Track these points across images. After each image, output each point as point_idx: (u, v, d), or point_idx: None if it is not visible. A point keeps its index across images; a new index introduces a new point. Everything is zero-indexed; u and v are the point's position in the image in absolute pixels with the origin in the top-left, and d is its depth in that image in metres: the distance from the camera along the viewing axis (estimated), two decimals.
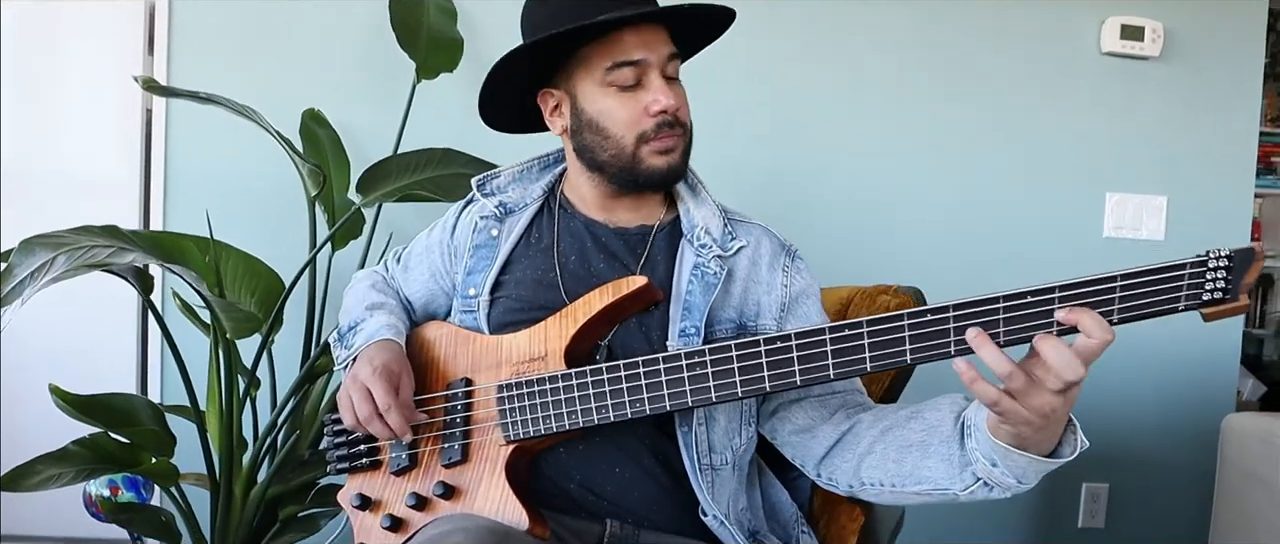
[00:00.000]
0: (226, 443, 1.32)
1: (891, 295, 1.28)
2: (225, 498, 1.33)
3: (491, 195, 1.06)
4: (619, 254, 1.01)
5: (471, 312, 1.02)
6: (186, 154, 1.79)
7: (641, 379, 0.85)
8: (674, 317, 0.95)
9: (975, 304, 0.72)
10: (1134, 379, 1.93)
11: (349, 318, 1.06)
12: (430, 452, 0.95)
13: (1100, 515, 1.94)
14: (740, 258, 1.00)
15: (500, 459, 0.90)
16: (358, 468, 0.99)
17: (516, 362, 0.94)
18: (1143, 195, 1.90)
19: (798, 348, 0.79)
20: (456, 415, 0.95)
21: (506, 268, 1.02)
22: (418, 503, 0.91)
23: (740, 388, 0.81)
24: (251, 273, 1.43)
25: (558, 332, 0.93)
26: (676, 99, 0.94)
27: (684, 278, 0.97)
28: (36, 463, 1.13)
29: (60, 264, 0.96)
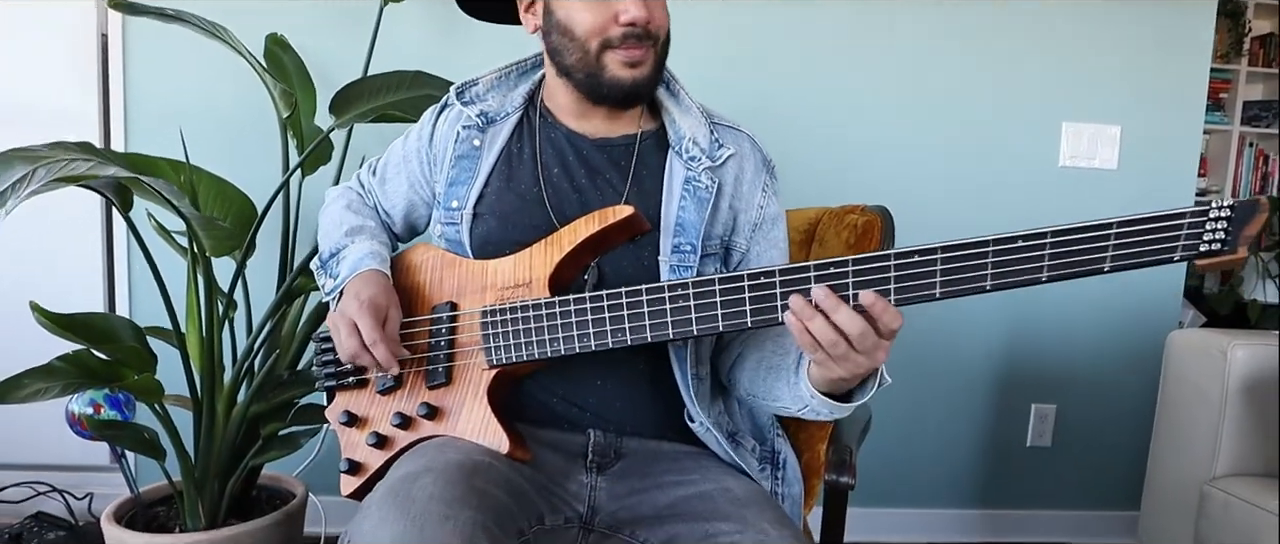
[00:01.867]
0: (207, 362, 1.38)
1: (859, 214, 1.37)
2: (207, 416, 1.39)
3: (471, 104, 1.06)
4: (602, 168, 1.02)
5: (454, 224, 1.03)
6: (146, 79, 1.80)
7: (624, 310, 0.87)
8: (665, 233, 0.97)
9: (965, 247, 0.73)
10: (1081, 307, 2.07)
11: (329, 243, 1.07)
12: (415, 373, 0.99)
13: (1048, 434, 2.10)
14: (727, 168, 1.01)
15: (482, 383, 0.94)
16: (345, 386, 1.03)
17: (501, 287, 0.96)
18: (1097, 125, 2.01)
19: (781, 285, 0.80)
20: (441, 339, 0.98)
21: (490, 180, 1.03)
22: (402, 422, 0.96)
23: (722, 323, 0.83)
24: (223, 197, 1.46)
25: (543, 259, 0.95)
26: (648, 10, 0.93)
27: (675, 193, 0.98)
28: (23, 377, 1.18)
29: (40, 177, 0.99)
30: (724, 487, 0.94)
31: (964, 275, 0.74)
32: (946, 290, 0.74)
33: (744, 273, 0.81)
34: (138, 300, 1.86)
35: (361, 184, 1.18)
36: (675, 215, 0.98)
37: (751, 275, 0.81)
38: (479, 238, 1.02)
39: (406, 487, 0.78)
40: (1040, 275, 0.71)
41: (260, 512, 1.51)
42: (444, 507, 0.75)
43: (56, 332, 1.22)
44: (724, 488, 0.93)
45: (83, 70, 1.80)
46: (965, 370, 2.07)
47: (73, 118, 1.80)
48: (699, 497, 0.93)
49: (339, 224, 1.08)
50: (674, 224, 0.98)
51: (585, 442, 0.99)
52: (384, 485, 0.80)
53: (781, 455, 1.11)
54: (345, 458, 1.00)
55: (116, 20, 1.77)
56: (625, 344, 0.87)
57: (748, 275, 0.81)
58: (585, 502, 0.96)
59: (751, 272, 0.81)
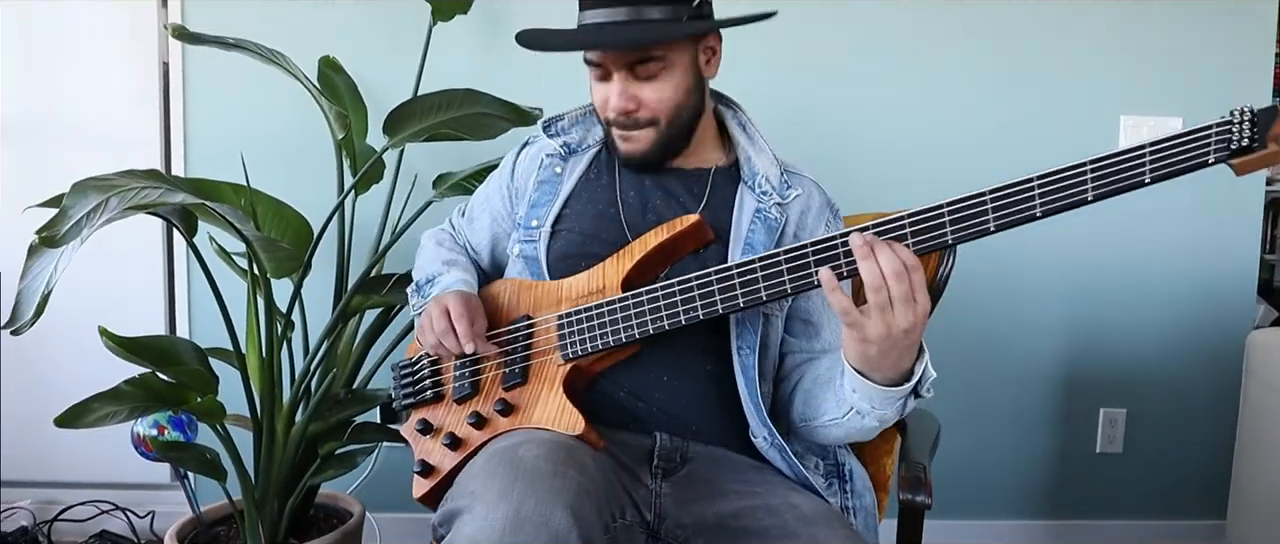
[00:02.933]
0: (267, 383, 1.39)
1: None
2: (267, 436, 1.39)
3: (557, 136, 1.14)
4: (677, 193, 1.08)
5: (532, 241, 1.09)
6: (206, 104, 1.84)
7: (695, 289, 0.91)
8: (733, 255, 1.02)
9: (1012, 187, 0.79)
10: (1149, 304, 1.99)
11: (425, 272, 1.15)
12: (492, 378, 1.02)
13: (1118, 440, 2.02)
14: (794, 206, 1.08)
15: (558, 376, 0.97)
16: (422, 401, 1.06)
17: (576, 297, 1.01)
18: (1157, 117, 1.94)
19: (844, 252, 0.83)
20: (517, 345, 1.02)
21: (568, 203, 1.10)
22: (478, 421, 0.98)
23: (789, 286, 0.86)
24: (281, 218, 1.48)
25: (616, 268, 1.00)
26: (630, 101, 1.01)
27: (744, 220, 1.04)
28: (92, 402, 1.20)
29: (113, 205, 1.00)
30: (791, 502, 0.94)
31: (1015, 208, 0.79)
32: (1000, 222, 0.79)
33: (808, 242, 0.85)
34: (196, 321, 1.89)
35: (453, 226, 1.27)
36: (744, 237, 1.03)
37: (814, 244, 0.84)
38: (555, 252, 1.07)
39: (510, 452, 0.81)
40: (1085, 195, 0.76)
41: (318, 531, 1.51)
42: (552, 465, 0.79)
43: (123, 355, 1.24)
44: (791, 504, 0.93)
45: (145, 97, 1.84)
46: (1029, 374, 2.00)
47: (136, 143, 1.84)
48: (766, 511, 0.93)
49: (433, 257, 1.18)
50: (743, 244, 1.02)
51: (651, 444, 1.00)
52: (484, 456, 0.85)
53: (847, 467, 1.11)
54: (419, 459, 1.03)
55: (177, 48, 1.82)
56: (697, 318, 0.91)
57: (811, 245, 0.85)
58: (653, 508, 0.97)
59: (815, 241, 0.85)
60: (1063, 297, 1.96)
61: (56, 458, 1.88)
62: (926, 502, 0.97)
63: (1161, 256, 1.97)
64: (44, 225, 1.02)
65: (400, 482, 1.90)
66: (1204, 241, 1.97)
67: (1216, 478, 2.04)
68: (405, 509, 1.92)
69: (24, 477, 1.88)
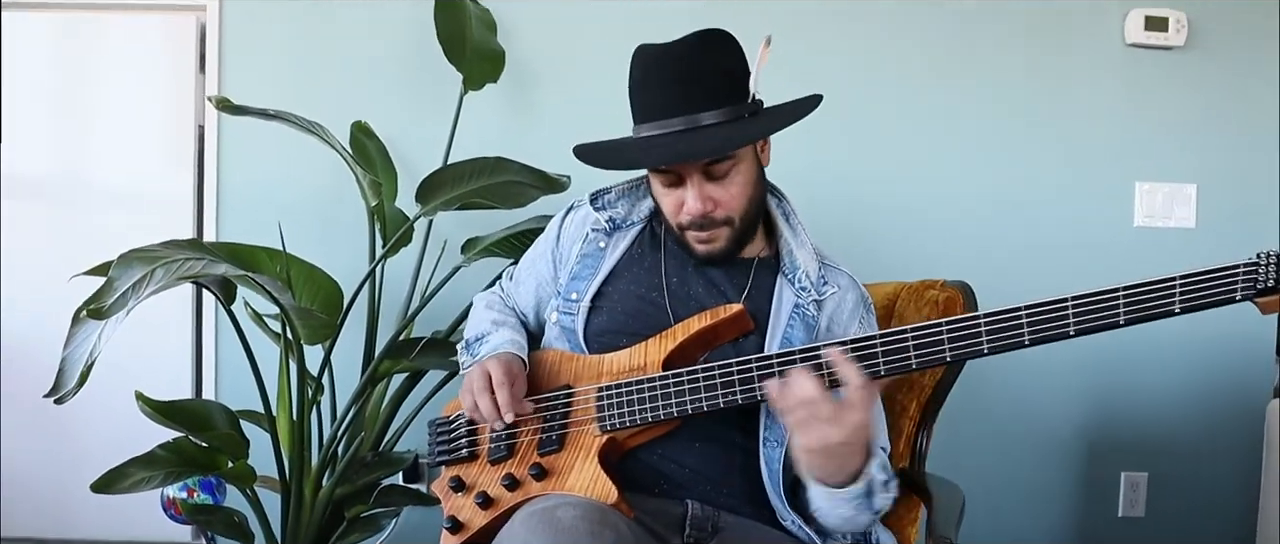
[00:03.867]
0: (297, 447, 1.39)
1: (939, 289, 1.34)
2: (296, 499, 1.39)
3: (603, 209, 1.15)
4: (719, 282, 1.09)
5: (571, 314, 1.10)
6: (239, 168, 1.87)
7: (735, 373, 0.92)
8: (771, 346, 1.02)
9: (1045, 305, 0.82)
10: (1168, 369, 1.98)
11: (475, 331, 1.16)
12: (528, 443, 1.03)
13: (1140, 504, 1.99)
14: (830, 302, 1.09)
15: (594, 446, 0.98)
16: (457, 459, 1.06)
17: (618, 372, 1.02)
18: (1172, 184, 1.95)
19: (882, 351, 0.87)
20: (556, 412, 1.03)
21: (610, 279, 1.10)
22: (511, 483, 0.99)
23: (829, 380, 0.87)
24: (312, 282, 1.50)
25: (658, 347, 1.02)
26: (708, 202, 1.00)
27: (783, 314, 1.05)
28: (128, 467, 1.20)
29: (159, 277, 1.02)
30: None
31: (1049, 325, 0.82)
32: (1034, 337, 0.82)
33: (848, 339, 0.87)
34: (223, 383, 1.90)
35: (503, 289, 1.28)
36: (783, 332, 1.04)
37: (852, 344, 0.87)
38: (594, 327, 1.08)
39: (549, 513, 0.81)
40: (1118, 319, 0.81)
41: None
42: (591, 525, 0.79)
43: (158, 419, 1.25)
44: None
45: (180, 160, 1.88)
46: (1050, 439, 1.98)
47: (169, 203, 1.88)
48: None
49: (484, 318, 1.18)
50: (780, 338, 1.03)
51: (683, 512, 1.00)
52: (522, 515, 0.84)
53: (874, 535, 1.09)
54: (449, 515, 1.03)
55: (212, 113, 1.86)
56: (735, 402, 0.92)
57: (849, 342, 0.87)
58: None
59: (852, 340, 0.87)
60: (1081, 361, 1.96)
61: (82, 515, 1.88)
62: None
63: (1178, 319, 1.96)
64: (91, 297, 1.04)
65: (421, 540, 1.90)
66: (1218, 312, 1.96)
67: (1240, 540, 2.00)
68: None
69: (50, 535, 1.88)
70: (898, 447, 1.30)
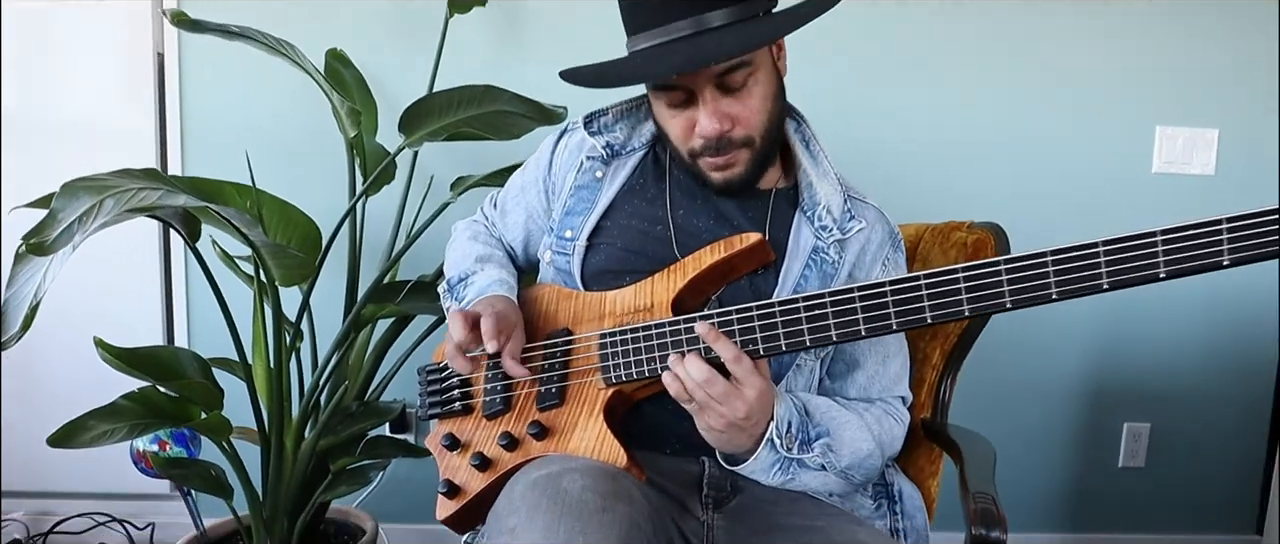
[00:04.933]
0: (275, 396, 1.27)
1: (966, 231, 1.23)
2: (276, 452, 1.28)
3: (599, 134, 1.00)
4: (731, 215, 0.96)
5: (565, 254, 0.98)
6: (203, 98, 1.70)
7: (755, 322, 0.80)
8: (783, 289, 0.91)
9: (1074, 250, 0.72)
10: (1175, 318, 1.89)
11: (458, 270, 1.02)
12: (526, 395, 0.92)
13: (1141, 455, 1.93)
14: (853, 242, 0.95)
15: (599, 401, 0.87)
16: (450, 413, 0.95)
17: (621, 313, 0.91)
18: (1194, 129, 1.84)
19: (893, 299, 0.76)
20: (555, 361, 0.91)
21: (608, 213, 0.97)
22: (509, 443, 0.88)
23: (863, 328, 0.77)
24: (288, 221, 1.36)
25: (665, 285, 0.90)
26: (725, 120, 0.87)
27: (799, 258, 0.92)
28: (88, 418, 1.08)
29: (108, 209, 0.88)
30: (857, 540, 0.84)
31: (1079, 276, 0.72)
32: (1063, 291, 0.72)
33: (887, 282, 0.76)
34: (197, 330, 1.76)
35: (486, 217, 1.14)
36: (796, 280, 0.92)
37: (894, 287, 0.76)
38: (593, 267, 0.96)
39: (552, 483, 0.71)
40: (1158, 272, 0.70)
41: None
42: (600, 498, 0.69)
43: (120, 367, 1.11)
44: (856, 540, 0.83)
45: (139, 89, 1.70)
46: (1053, 389, 1.90)
47: (129, 137, 1.71)
48: None
49: (467, 254, 1.05)
50: (793, 287, 0.91)
51: (700, 471, 0.91)
52: (523, 483, 0.73)
53: (896, 487, 1.02)
54: (444, 479, 0.92)
55: (172, 38, 1.68)
56: (757, 353, 0.81)
57: (891, 286, 0.76)
58: (703, 541, 0.88)
59: (862, 286, 0.77)
60: (1086, 308, 1.86)
61: (51, 467, 1.75)
62: (1002, 538, 0.86)
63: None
64: (31, 231, 0.90)
65: (411, 492, 1.81)
66: None
67: (1243, 492, 1.96)
68: (417, 520, 1.81)
69: (17, 487, 1.76)
70: (919, 396, 1.21)
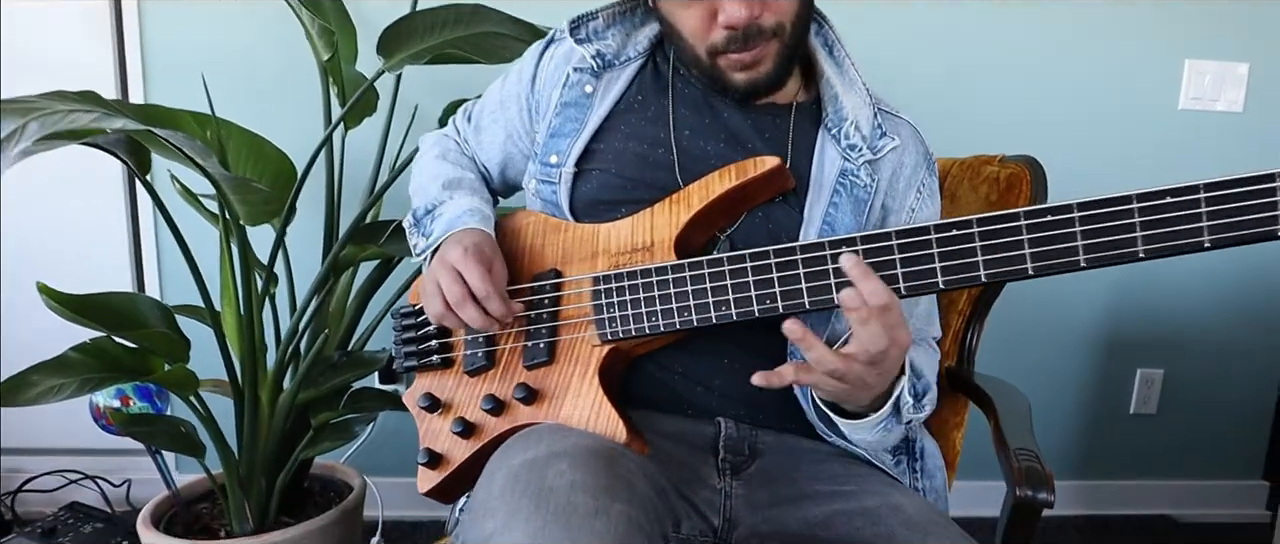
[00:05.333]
0: (248, 346, 1.15)
1: (998, 165, 1.12)
2: (251, 406, 1.17)
3: (587, 42, 0.85)
4: (745, 136, 0.82)
5: (551, 183, 0.84)
6: (165, 25, 1.54)
7: (773, 271, 0.69)
8: (810, 224, 0.78)
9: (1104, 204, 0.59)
10: (1189, 263, 1.80)
11: (424, 198, 0.88)
12: (511, 350, 0.80)
13: (1153, 402, 1.86)
14: (885, 163, 0.83)
15: (593, 361, 0.75)
16: (428, 366, 0.84)
17: (616, 252, 0.78)
18: (1223, 63, 1.72)
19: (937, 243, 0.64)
20: (543, 311, 0.79)
21: (600, 135, 0.83)
22: (494, 407, 0.77)
23: (903, 285, 0.65)
24: (258, 155, 1.23)
25: (667, 219, 0.77)
26: (753, 4, 0.73)
27: (826, 185, 0.79)
28: (32, 373, 0.96)
29: (31, 132, 0.75)
30: (893, 504, 0.74)
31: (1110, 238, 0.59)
32: (1091, 257, 0.60)
33: (893, 230, 0.65)
34: (168, 278, 1.64)
35: (458, 131, 0.98)
36: (824, 213, 0.79)
37: (939, 229, 0.64)
38: (583, 196, 0.83)
39: (536, 475, 0.59)
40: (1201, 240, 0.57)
41: (314, 507, 1.30)
42: (591, 498, 0.57)
43: (68, 316, 0.99)
44: (893, 506, 0.74)
45: (95, 12, 1.54)
46: (1066, 334, 1.82)
47: (86, 69, 1.55)
48: (863, 515, 0.74)
49: (434, 177, 0.90)
50: (821, 220, 0.78)
51: (715, 434, 0.80)
52: (503, 474, 0.61)
53: (918, 443, 0.90)
54: (424, 448, 0.82)
55: None
56: (776, 312, 0.69)
57: (935, 228, 0.64)
58: (721, 512, 0.78)
59: (902, 230, 0.65)
60: None
61: (21, 422, 1.64)
62: (1049, 499, 0.77)
63: None
64: None
65: (401, 445, 1.69)
66: None
67: (1253, 438, 1.90)
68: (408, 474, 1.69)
69: None
70: (944, 344, 1.12)
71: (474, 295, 0.74)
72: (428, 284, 0.77)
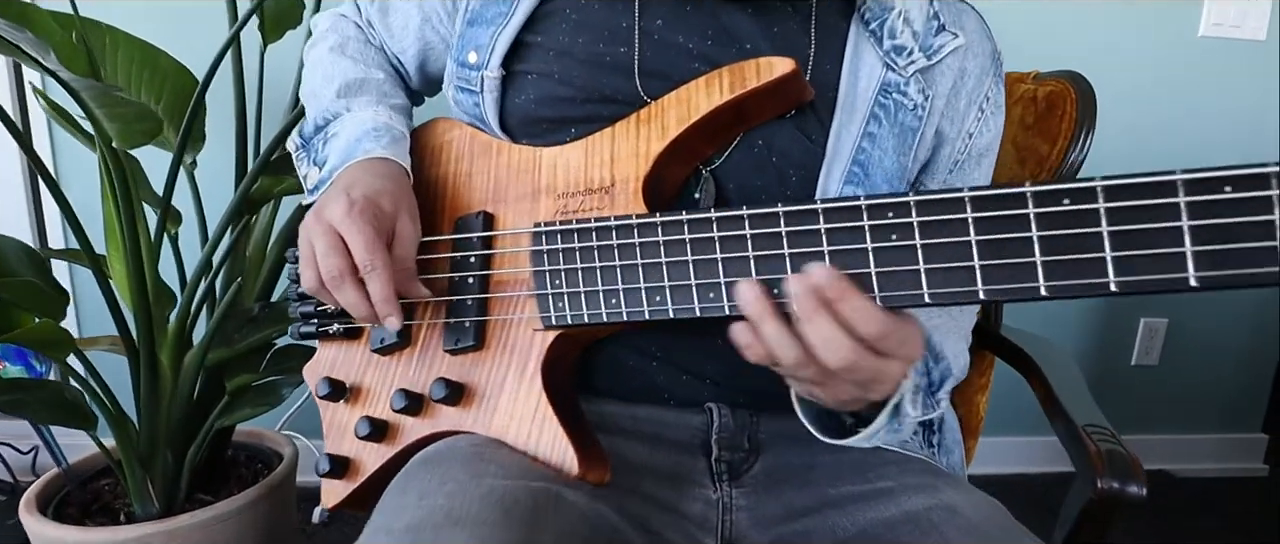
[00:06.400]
0: (141, 297, 0.93)
1: (1033, 83, 0.93)
2: (148, 368, 0.96)
3: None
4: (742, 33, 0.59)
5: (471, 90, 0.63)
6: None
7: (784, 245, 0.47)
8: (833, 161, 0.57)
9: None
10: None
11: (318, 109, 0.66)
12: (431, 325, 0.60)
13: (1155, 352, 1.72)
14: (943, 72, 0.60)
15: (534, 350, 0.56)
16: (327, 335, 0.64)
17: (564, 191, 0.58)
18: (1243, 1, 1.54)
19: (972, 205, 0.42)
20: (468, 273, 0.58)
21: (536, 23, 0.61)
22: (409, 405, 0.58)
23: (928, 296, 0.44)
24: (151, 68, 1.00)
25: (634, 147, 0.56)
26: None
27: (860, 101, 0.58)
28: None
29: None
30: (946, 504, 0.55)
31: None
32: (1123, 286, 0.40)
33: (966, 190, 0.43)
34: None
35: (360, 12, 0.74)
36: (855, 145, 0.57)
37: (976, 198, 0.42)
38: (516, 113, 0.61)
39: None
40: None
41: (239, 482, 1.11)
42: None
43: None
44: (947, 507, 0.54)
45: None
46: None
47: None
48: (908, 523, 0.54)
49: (328, 77, 0.67)
50: (851, 156, 0.57)
51: (705, 425, 0.61)
52: (399, 523, 0.45)
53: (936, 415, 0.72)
54: (327, 453, 0.62)
55: None
56: None
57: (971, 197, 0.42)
58: (717, 531, 0.59)
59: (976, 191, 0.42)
60: None
61: None
62: (1140, 493, 0.60)
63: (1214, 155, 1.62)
64: None
65: None
66: (1262, 142, 1.62)
67: (1255, 392, 1.78)
68: None
69: None
70: None
71: (358, 270, 0.53)
72: (302, 245, 0.56)
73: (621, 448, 0.59)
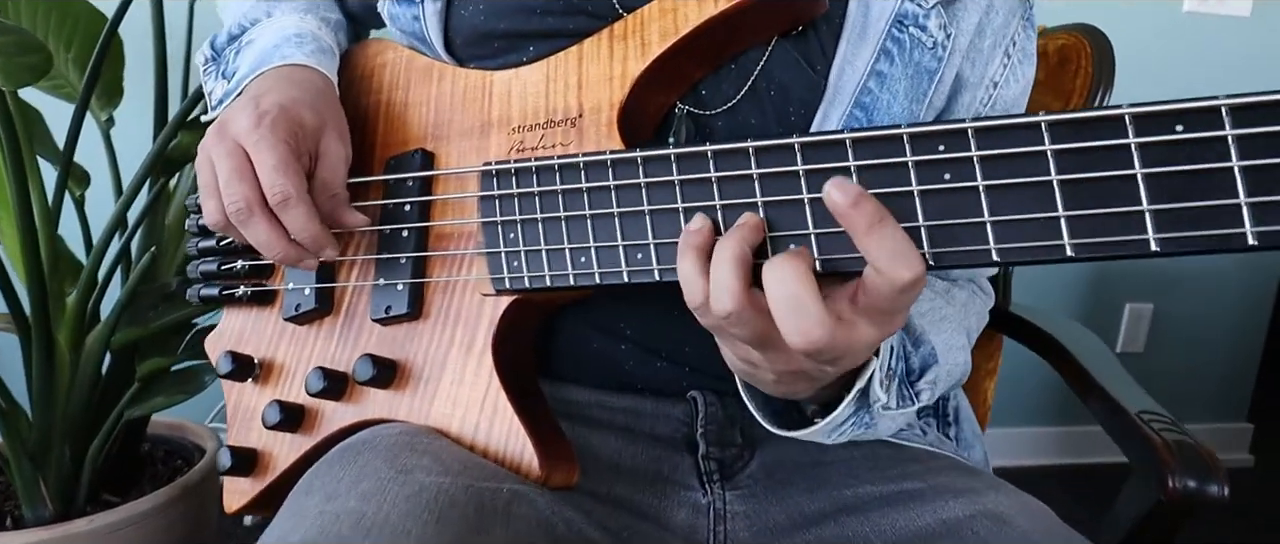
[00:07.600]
0: (34, 265, 0.79)
1: (1047, 36, 0.84)
2: (41, 349, 0.82)
3: None
4: None
5: (412, 3, 0.51)
6: None
7: (803, 187, 0.35)
8: (836, 97, 0.47)
9: None
10: None
11: (233, 15, 0.57)
12: (357, 288, 0.50)
13: (1141, 339, 1.66)
14: (968, 8, 0.50)
15: (483, 323, 0.45)
16: (232, 299, 0.53)
17: (521, 123, 0.47)
18: None
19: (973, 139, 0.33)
20: (402, 225, 0.48)
21: None
22: (328, 387, 0.46)
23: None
24: (61, 12, 0.87)
25: (606, 69, 0.45)
26: None
27: (871, 30, 0.47)
28: None
29: None
30: (989, 510, 0.44)
31: None
32: None
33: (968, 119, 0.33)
34: None
35: None
36: (860, 81, 0.47)
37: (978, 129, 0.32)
38: (463, 28, 0.51)
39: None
40: None
41: (154, 481, 0.96)
42: None
43: None
44: (991, 513, 0.44)
45: None
46: (1050, 267, 1.60)
47: None
48: (948, 534, 0.43)
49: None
50: (854, 97, 0.47)
51: (687, 416, 0.51)
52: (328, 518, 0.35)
53: (952, 404, 0.61)
54: (228, 445, 0.51)
55: None
56: None
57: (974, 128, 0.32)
58: (708, 540, 0.48)
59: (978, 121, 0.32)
60: None
61: None
62: (1221, 493, 0.49)
63: None
64: None
65: None
66: None
67: (1238, 380, 1.73)
68: None
69: None
70: None
71: (268, 202, 0.42)
72: (200, 169, 0.44)
73: (590, 442, 0.48)
